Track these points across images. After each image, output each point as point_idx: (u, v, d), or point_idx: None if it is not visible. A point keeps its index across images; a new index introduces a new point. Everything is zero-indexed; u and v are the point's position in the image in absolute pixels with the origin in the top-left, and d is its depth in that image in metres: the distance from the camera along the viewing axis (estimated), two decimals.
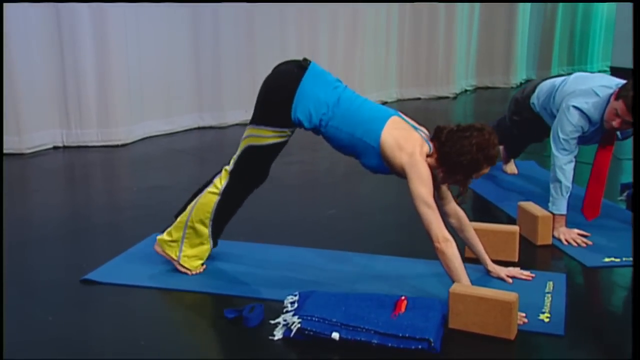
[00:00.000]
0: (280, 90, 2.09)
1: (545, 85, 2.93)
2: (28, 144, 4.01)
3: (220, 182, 2.21)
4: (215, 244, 2.34)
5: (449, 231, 1.97)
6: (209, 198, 2.22)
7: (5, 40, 3.81)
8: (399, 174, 2.03)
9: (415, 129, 2.08)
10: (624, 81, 2.64)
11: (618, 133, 2.63)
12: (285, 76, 2.11)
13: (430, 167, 2.02)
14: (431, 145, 2.04)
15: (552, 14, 7.75)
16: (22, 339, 1.84)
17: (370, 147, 2.03)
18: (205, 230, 2.24)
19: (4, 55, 3.82)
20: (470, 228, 2.21)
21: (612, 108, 2.51)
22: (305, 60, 2.13)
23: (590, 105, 2.58)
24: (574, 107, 2.59)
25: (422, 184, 1.95)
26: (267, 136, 2.12)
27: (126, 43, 4.25)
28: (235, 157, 2.20)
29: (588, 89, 2.60)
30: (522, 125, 3.16)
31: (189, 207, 2.25)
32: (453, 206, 2.17)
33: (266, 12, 4.98)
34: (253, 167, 2.20)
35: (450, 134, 2.00)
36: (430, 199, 1.95)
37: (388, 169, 2.06)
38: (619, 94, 2.48)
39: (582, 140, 2.65)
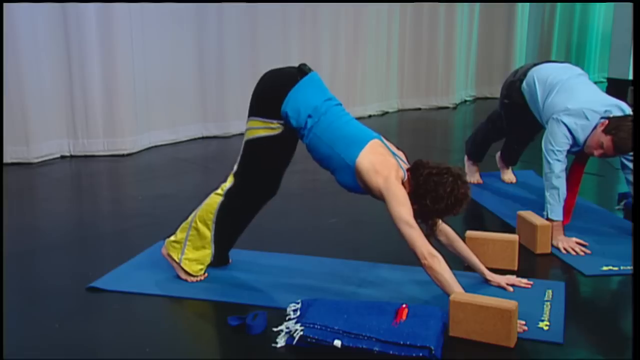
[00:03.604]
0: (277, 85, 2.17)
1: (536, 74, 2.95)
2: (36, 153, 4.05)
3: (226, 184, 2.27)
4: (226, 258, 2.37)
5: (437, 248, 1.98)
6: (214, 199, 2.27)
7: (15, 52, 3.86)
8: (376, 196, 2.06)
9: (394, 154, 2.12)
10: (612, 99, 2.68)
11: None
12: (285, 74, 2.19)
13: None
14: (406, 173, 2.08)
15: (549, 25, 7.80)
16: (29, 346, 1.87)
17: (346, 165, 2.06)
18: (208, 233, 2.26)
19: (15, 68, 3.88)
20: (460, 241, 2.23)
21: (598, 139, 2.56)
22: (305, 65, 2.20)
23: (579, 127, 2.64)
24: (564, 123, 2.65)
25: (400, 204, 1.97)
26: (258, 127, 2.18)
27: (132, 54, 4.30)
28: (238, 158, 2.26)
29: (579, 109, 2.64)
30: (511, 111, 3.17)
31: (195, 210, 2.30)
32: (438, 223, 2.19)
33: (269, 24, 5.02)
34: (255, 165, 2.23)
35: (428, 177, 2.02)
36: (411, 218, 1.97)
37: (361, 189, 2.09)
38: (609, 128, 2.52)
39: None
